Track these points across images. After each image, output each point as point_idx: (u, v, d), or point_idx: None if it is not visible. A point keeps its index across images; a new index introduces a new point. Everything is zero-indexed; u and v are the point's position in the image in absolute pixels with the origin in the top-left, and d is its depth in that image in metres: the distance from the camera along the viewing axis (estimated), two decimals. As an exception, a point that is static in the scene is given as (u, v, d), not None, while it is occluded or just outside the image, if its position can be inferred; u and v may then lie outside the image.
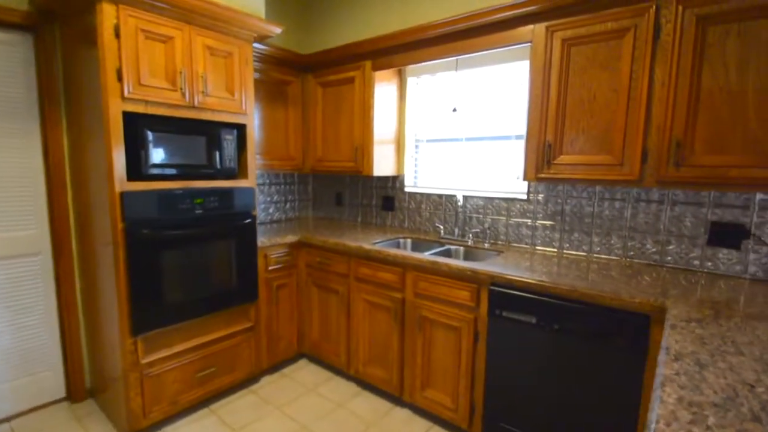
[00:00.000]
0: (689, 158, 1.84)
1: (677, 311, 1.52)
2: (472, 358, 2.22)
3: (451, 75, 2.92)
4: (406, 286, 2.46)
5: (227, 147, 2.51)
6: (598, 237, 2.41)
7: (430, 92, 3.06)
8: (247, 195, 2.60)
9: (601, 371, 1.82)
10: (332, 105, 3.15)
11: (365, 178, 3.48)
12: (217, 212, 2.46)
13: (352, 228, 3.27)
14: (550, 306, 1.93)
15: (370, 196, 3.47)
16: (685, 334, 1.30)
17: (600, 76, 2.03)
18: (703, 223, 2.11)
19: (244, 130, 2.61)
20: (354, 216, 3.61)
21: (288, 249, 2.94)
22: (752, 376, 1.03)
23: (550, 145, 2.20)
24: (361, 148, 3.00)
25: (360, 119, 2.98)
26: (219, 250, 2.50)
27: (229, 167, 2.52)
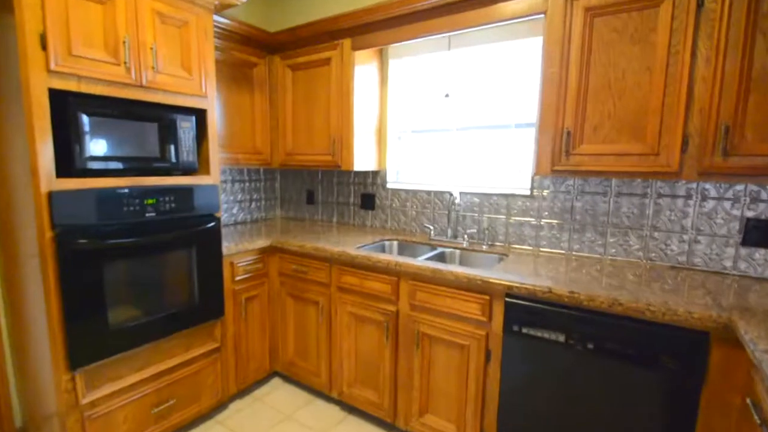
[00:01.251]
0: (739, 146, 1.56)
1: (755, 332, 1.23)
2: (482, 381, 1.89)
3: (442, 56, 2.57)
4: (400, 297, 2.10)
5: (184, 136, 2.05)
6: (614, 237, 2.13)
7: (416, 76, 2.69)
8: (209, 194, 2.15)
9: (644, 399, 1.53)
10: (304, 91, 2.73)
11: (341, 173, 3.09)
12: (173, 215, 2.01)
13: (328, 230, 2.87)
14: (583, 321, 1.62)
15: (347, 194, 3.07)
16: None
17: (630, 51, 1.73)
18: (738, 220, 1.85)
19: (205, 117, 2.15)
20: (329, 216, 3.20)
21: (258, 256, 2.51)
22: None
23: (569, 132, 1.88)
24: (340, 139, 2.60)
25: (338, 107, 2.58)
26: (176, 260, 2.05)
27: (186, 161, 2.07)
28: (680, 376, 1.45)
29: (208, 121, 2.14)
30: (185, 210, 2.04)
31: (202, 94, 2.10)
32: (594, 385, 1.62)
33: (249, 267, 2.44)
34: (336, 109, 2.58)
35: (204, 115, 2.15)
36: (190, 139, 2.07)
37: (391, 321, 2.12)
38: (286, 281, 2.54)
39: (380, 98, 2.79)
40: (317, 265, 2.37)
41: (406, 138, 2.80)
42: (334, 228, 2.96)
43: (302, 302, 2.50)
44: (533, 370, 1.75)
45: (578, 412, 1.66)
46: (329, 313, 2.37)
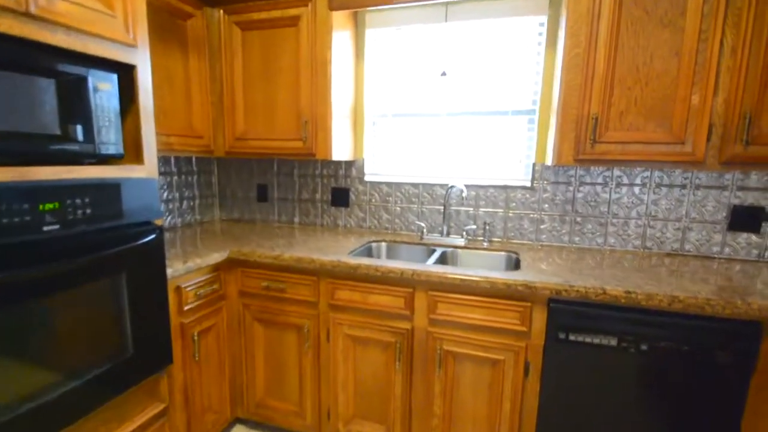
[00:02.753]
0: (759, 136, 1.52)
1: None
2: (520, 398, 1.60)
3: (436, 28, 2.17)
4: (415, 311, 1.69)
5: (102, 104, 1.32)
6: (614, 227, 2.02)
7: (399, 50, 2.26)
8: (144, 192, 1.44)
9: (696, 393, 1.42)
10: (261, 57, 2.08)
11: (304, 164, 2.50)
12: (89, 227, 1.27)
13: (289, 233, 2.31)
14: (637, 322, 1.45)
15: (313, 189, 2.50)
16: None
17: (660, 34, 1.59)
18: (725, 207, 1.88)
19: (133, 77, 1.42)
20: (288, 216, 2.58)
21: (212, 274, 1.83)
22: None
23: (596, 118, 1.68)
24: (314, 121, 2.04)
25: (310, 80, 2.01)
26: (97, 296, 1.32)
27: (106, 142, 1.34)
28: (732, 367, 1.36)
29: (139, 82, 1.42)
30: (109, 218, 1.32)
31: (129, 42, 1.37)
32: (647, 387, 1.46)
33: (201, 290, 1.75)
34: (308, 83, 2.01)
35: (132, 73, 1.41)
36: (112, 109, 1.34)
37: (404, 341, 1.70)
38: (251, 303, 1.91)
39: (355, 75, 2.29)
40: (300, 280, 1.81)
41: (385, 123, 2.34)
42: (297, 231, 2.38)
43: (277, 328, 1.91)
44: (580, 380, 1.53)
45: (629, 417, 1.49)
46: (317, 338, 1.83)
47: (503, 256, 2.04)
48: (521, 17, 2.03)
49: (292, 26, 2.00)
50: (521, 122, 2.14)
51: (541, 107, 2.06)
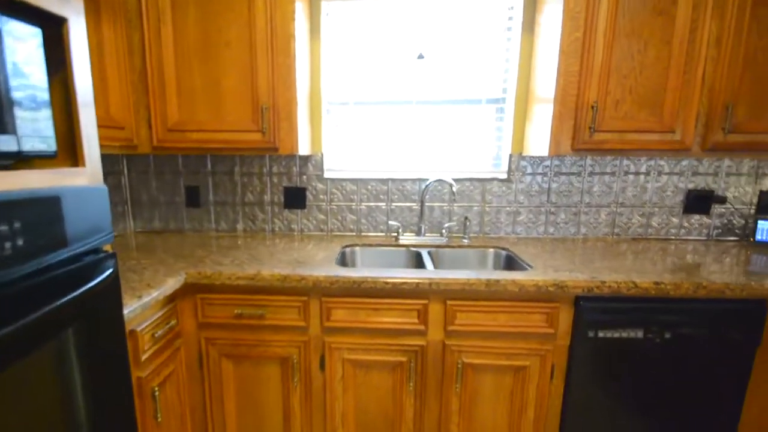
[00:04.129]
0: (737, 124, 1.57)
1: None
2: (545, 403, 1.45)
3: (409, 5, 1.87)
4: (430, 324, 1.42)
5: (22, 71, 0.78)
6: (586, 216, 1.99)
7: (362, 29, 1.91)
8: (91, 207, 0.92)
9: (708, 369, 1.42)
10: (199, 26, 1.57)
11: (248, 160, 2.01)
12: (17, 268, 0.73)
13: (238, 244, 1.86)
14: (660, 312, 1.39)
15: (261, 190, 2.03)
16: None
17: (653, 22, 1.54)
18: (682, 192, 1.96)
19: (63, 36, 0.88)
20: (229, 223, 2.07)
21: (168, 306, 1.33)
22: None
23: (594, 106, 1.58)
24: (275, 109, 1.61)
25: (268, 59, 1.58)
26: (33, 370, 0.77)
27: (31, 132, 0.80)
28: (741, 342, 1.39)
29: (73, 45, 0.89)
30: (46, 250, 0.79)
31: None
32: (670, 372, 1.43)
33: (158, 331, 1.25)
34: (266, 62, 1.57)
35: (61, 31, 0.88)
36: (37, 81, 0.80)
37: (417, 359, 1.42)
38: (218, 337, 1.44)
39: (311, 56, 1.88)
40: (285, 303, 1.41)
41: (346, 112, 1.98)
42: (244, 241, 1.92)
43: (252, 363, 1.46)
44: (606, 376, 1.44)
45: (655, 398, 1.44)
46: (307, 369, 1.44)
47: (492, 253, 1.87)
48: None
49: (243, -11, 1.54)
50: (490, 111, 1.98)
51: (518, 95, 1.92)
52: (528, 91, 1.90)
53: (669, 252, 1.76)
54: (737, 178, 1.93)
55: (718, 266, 1.54)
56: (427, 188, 1.88)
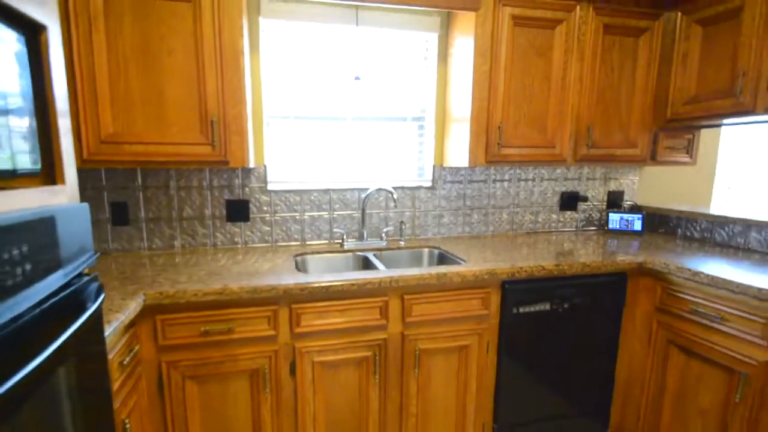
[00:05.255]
0: (596, 141, 2.04)
1: (661, 261, 1.69)
2: (483, 374, 1.68)
3: (348, 30, 1.97)
4: (390, 319, 1.54)
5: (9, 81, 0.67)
6: (493, 216, 2.34)
7: (302, 48, 1.95)
8: (77, 228, 0.80)
9: (596, 327, 1.80)
10: (137, 31, 1.44)
11: (185, 174, 1.87)
12: (27, 298, 0.62)
13: (175, 262, 1.72)
14: (559, 287, 1.72)
15: (200, 204, 1.90)
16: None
17: (537, 62, 1.92)
18: (557, 194, 2.43)
19: (41, 45, 0.77)
20: (165, 241, 1.88)
21: (130, 331, 1.18)
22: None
23: (500, 127, 1.89)
24: (224, 122, 1.56)
25: (217, 72, 1.52)
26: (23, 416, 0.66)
27: (18, 147, 0.68)
28: (612, 305, 1.79)
29: (51, 54, 0.78)
30: (45, 272, 0.67)
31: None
32: (569, 335, 1.78)
33: (125, 359, 1.11)
34: (215, 75, 1.51)
35: (40, 39, 0.76)
36: (22, 90, 0.70)
37: (381, 351, 1.52)
38: (180, 359, 1.33)
39: (251, 70, 1.84)
40: (255, 314, 1.37)
41: (286, 126, 1.98)
42: (188, 257, 1.78)
43: (219, 381, 1.39)
44: (527, 342, 1.73)
45: (560, 355, 1.78)
46: (278, 377, 1.43)
47: (426, 252, 2.06)
48: (418, 32, 2.06)
49: (186, 1, 1.46)
50: (414, 128, 2.19)
51: (437, 115, 2.16)
52: (444, 111, 2.15)
53: (552, 241, 2.17)
54: (593, 181, 2.47)
55: (589, 250, 1.97)
56: (368, 197, 1.99)
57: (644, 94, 2.07)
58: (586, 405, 1.85)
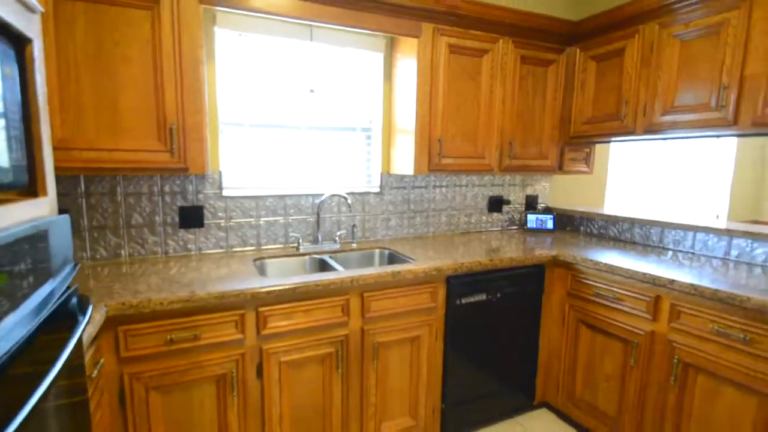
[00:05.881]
0: (516, 154, 2.33)
1: (570, 254, 2.01)
2: (432, 360, 1.84)
3: (303, 45, 2.00)
4: (351, 315, 1.62)
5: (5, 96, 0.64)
6: (434, 218, 2.53)
7: (256, 59, 1.95)
8: (63, 241, 0.77)
9: (523, 312, 2.06)
10: (91, 36, 1.35)
11: (133, 180, 1.75)
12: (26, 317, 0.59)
13: (117, 274, 1.63)
14: (493, 280, 1.94)
15: (151, 211, 1.80)
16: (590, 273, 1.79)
17: (468, 85, 2.14)
18: (486, 198, 2.70)
19: (27, 58, 0.73)
20: (110, 250, 1.74)
21: (94, 345, 1.11)
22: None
23: (440, 140, 2.08)
24: (183, 129, 1.52)
25: (176, 80, 1.49)
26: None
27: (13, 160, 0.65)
28: (535, 293, 2.07)
29: (36, 67, 0.74)
30: (35, 285, 0.64)
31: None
32: (501, 320, 2.01)
33: (93, 372, 1.05)
34: (173, 83, 1.47)
35: (25, 53, 0.73)
36: (16, 105, 0.67)
37: (343, 347, 1.60)
38: (144, 370, 1.28)
39: (208, 77, 1.80)
40: (221, 319, 1.36)
41: (242, 133, 1.96)
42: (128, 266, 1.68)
43: (183, 390, 1.35)
44: (467, 330, 1.91)
45: (495, 338, 2.00)
46: (244, 380, 1.43)
47: (377, 253, 2.17)
48: (366, 51, 2.18)
49: (145, 9, 1.41)
50: (363, 138, 2.30)
51: (384, 126, 2.29)
52: (390, 123, 2.29)
53: (483, 239, 2.41)
54: (514, 187, 2.78)
55: (514, 246, 2.23)
56: (322, 202, 2.05)
57: (553, 115, 2.41)
58: (516, 380, 2.09)
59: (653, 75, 1.99)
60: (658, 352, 1.63)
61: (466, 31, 2.07)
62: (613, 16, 2.13)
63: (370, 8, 1.84)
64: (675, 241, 2.14)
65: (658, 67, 1.97)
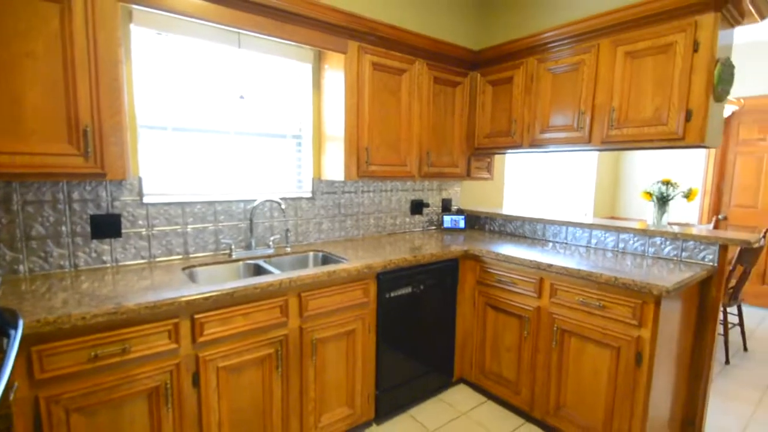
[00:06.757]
0: (433, 162, 2.55)
1: (472, 247, 2.28)
2: (366, 352, 1.92)
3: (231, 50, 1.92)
4: (290, 315, 1.62)
5: None
6: (363, 221, 2.63)
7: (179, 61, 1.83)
8: None
9: (441, 301, 2.26)
10: (-20, 25, 1.16)
11: (33, 187, 1.50)
12: None
13: (17, 292, 1.41)
14: (417, 273, 2.09)
15: (56, 221, 1.56)
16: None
17: (390, 99, 2.28)
18: (409, 201, 2.88)
19: None
20: (6, 266, 1.47)
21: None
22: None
23: (367, 149, 2.19)
24: (99, 131, 1.37)
25: (91, 80, 1.34)
26: None
27: None
28: (451, 284, 2.29)
29: None
30: None
31: None
32: (426, 310, 2.17)
33: (8, 395, 0.90)
34: (87, 82, 1.32)
35: None
36: None
37: (283, 346, 1.59)
38: (65, 391, 1.12)
39: (126, 78, 1.64)
40: (153, 330, 1.26)
41: (163, 137, 1.81)
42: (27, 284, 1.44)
43: (112, 408, 1.22)
44: (396, 321, 2.03)
45: (419, 326, 2.16)
46: (180, 390, 1.34)
47: (311, 255, 2.18)
48: (294, 61, 2.19)
49: (54, 1, 1.25)
50: (292, 144, 2.30)
51: (314, 134, 2.32)
52: (320, 131, 2.32)
53: (407, 239, 2.57)
54: (432, 191, 3.01)
55: (433, 243, 2.42)
56: (255, 208, 1.99)
57: (461, 129, 2.68)
58: (437, 362, 2.27)
59: (533, 100, 2.35)
60: (544, 323, 1.93)
61: (387, 52, 2.20)
62: (503, 50, 2.46)
63: (299, 22, 1.86)
64: (554, 234, 2.55)
65: (537, 94, 2.33)
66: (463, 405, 2.22)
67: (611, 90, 2.01)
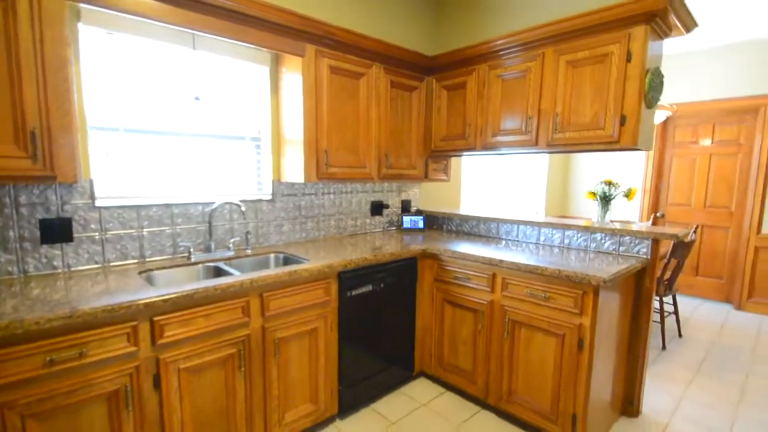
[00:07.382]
0: (392, 164, 2.69)
1: (432, 246, 2.46)
2: (329, 349, 2.03)
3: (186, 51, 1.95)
4: (252, 315, 1.70)
5: None
6: (323, 222, 2.72)
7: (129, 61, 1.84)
8: None
9: (401, 298, 2.40)
10: None
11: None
12: None
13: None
14: (377, 272, 2.22)
15: (2, 226, 1.54)
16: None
17: (348, 103, 2.40)
18: (368, 203, 3.01)
19: None
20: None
21: None
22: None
23: (326, 151, 2.30)
24: (47, 133, 1.38)
25: (37, 79, 1.36)
26: None
27: None
28: (411, 281, 2.44)
29: None
30: None
31: None
32: (386, 306, 2.30)
33: None
34: (33, 82, 1.33)
35: None
36: None
37: (245, 346, 1.67)
38: (16, 398, 1.13)
39: (76, 78, 1.64)
40: (111, 333, 1.30)
41: (115, 139, 1.80)
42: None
43: (70, 413, 1.24)
44: (357, 318, 2.15)
45: (380, 323, 2.29)
46: (140, 393, 1.39)
47: (273, 257, 2.24)
48: (251, 63, 2.25)
49: None
50: (252, 147, 2.36)
51: (273, 136, 2.39)
52: (279, 133, 2.39)
53: (368, 240, 2.70)
54: (392, 193, 3.15)
55: (393, 243, 2.56)
56: (214, 210, 2.03)
57: (418, 132, 2.84)
58: (398, 357, 2.41)
59: (485, 105, 2.56)
60: (496, 315, 2.13)
61: (344, 56, 2.32)
62: (457, 56, 2.65)
63: (254, 24, 1.93)
64: (506, 232, 2.78)
65: (488, 99, 2.54)
66: (423, 397, 2.37)
67: (555, 96, 2.24)
